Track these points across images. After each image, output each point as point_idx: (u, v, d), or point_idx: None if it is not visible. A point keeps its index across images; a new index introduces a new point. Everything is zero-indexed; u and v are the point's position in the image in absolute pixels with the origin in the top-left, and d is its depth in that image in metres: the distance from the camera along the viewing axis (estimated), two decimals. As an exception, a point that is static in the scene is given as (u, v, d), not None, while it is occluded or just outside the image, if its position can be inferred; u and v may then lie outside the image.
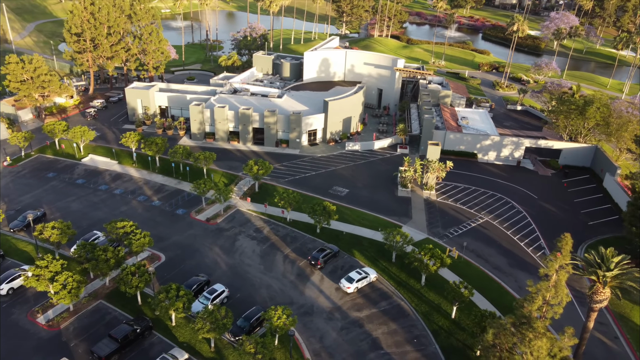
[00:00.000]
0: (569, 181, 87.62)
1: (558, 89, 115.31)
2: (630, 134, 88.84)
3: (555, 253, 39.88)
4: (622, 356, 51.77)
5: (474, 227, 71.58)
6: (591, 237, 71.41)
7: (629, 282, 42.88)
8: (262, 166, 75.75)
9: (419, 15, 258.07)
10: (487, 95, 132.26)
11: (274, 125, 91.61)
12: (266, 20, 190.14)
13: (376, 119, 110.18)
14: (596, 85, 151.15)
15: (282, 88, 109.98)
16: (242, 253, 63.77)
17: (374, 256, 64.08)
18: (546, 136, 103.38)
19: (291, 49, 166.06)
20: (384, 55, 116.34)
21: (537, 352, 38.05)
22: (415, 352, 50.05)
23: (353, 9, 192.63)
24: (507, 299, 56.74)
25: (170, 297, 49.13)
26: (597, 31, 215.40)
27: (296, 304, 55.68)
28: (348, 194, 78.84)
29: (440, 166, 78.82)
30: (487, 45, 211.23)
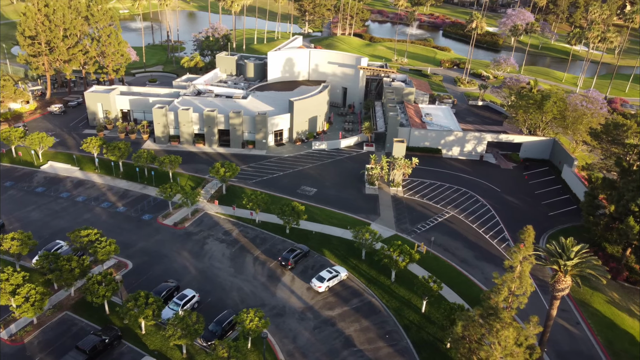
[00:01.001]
0: (530, 173, 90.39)
1: (516, 84, 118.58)
2: (585, 126, 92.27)
3: (518, 245, 41.17)
4: (584, 341, 53.89)
5: (441, 222, 73.00)
6: (552, 227, 73.93)
7: (588, 270, 44.64)
8: (229, 168, 75.17)
9: (381, 13, 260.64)
10: (449, 92, 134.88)
11: (239, 127, 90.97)
12: (228, 20, 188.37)
13: (342, 117, 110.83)
14: (552, 80, 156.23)
15: (246, 89, 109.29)
16: (212, 257, 63.17)
17: (344, 254, 64.56)
18: (507, 130, 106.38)
19: (254, 49, 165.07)
20: (347, 54, 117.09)
21: (505, 341, 39.18)
22: (387, 348, 50.75)
23: (315, 7, 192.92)
24: (475, 291, 58.18)
25: (139, 305, 48.27)
26: (551, 27, 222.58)
27: (268, 305, 55.58)
28: (316, 193, 79.10)
29: (406, 163, 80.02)
30: (448, 42, 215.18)
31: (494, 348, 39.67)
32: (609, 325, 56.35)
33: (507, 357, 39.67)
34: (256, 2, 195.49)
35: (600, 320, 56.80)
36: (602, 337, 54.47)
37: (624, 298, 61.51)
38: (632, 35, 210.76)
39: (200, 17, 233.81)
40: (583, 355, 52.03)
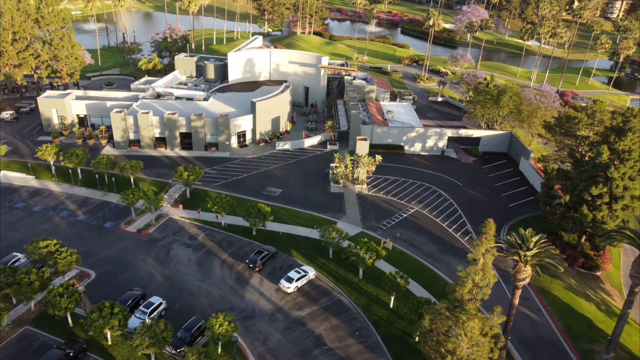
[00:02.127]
0: (489, 167, 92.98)
1: (474, 79, 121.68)
2: (539, 119, 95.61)
3: (480, 238, 42.40)
4: (545, 326, 55.98)
5: (406, 218, 74.24)
6: (512, 218, 76.33)
7: (547, 259, 46.34)
8: (193, 171, 74.19)
9: (340, 12, 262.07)
10: (409, 88, 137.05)
11: (201, 129, 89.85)
12: (186, 20, 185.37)
13: (304, 117, 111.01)
14: (507, 75, 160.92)
15: (207, 90, 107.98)
16: (178, 262, 62.26)
17: (312, 254, 64.82)
18: (466, 125, 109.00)
19: (214, 50, 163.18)
20: (308, 53, 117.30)
21: (471, 332, 40.31)
22: (357, 345, 51.33)
23: (274, 7, 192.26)
24: (441, 285, 59.50)
25: (104, 316, 47.16)
26: (505, 23, 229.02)
27: (237, 308, 55.27)
28: (282, 193, 79.05)
29: (370, 160, 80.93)
30: (407, 39, 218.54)
31: (460, 339, 40.73)
32: (568, 311, 58.72)
33: (474, 347, 40.82)
34: (214, 1, 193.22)
35: (559, 306, 59.10)
36: (561, 322, 56.71)
37: (580, 284, 64.18)
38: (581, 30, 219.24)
39: (157, 18, 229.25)
40: (545, 341, 54.04)
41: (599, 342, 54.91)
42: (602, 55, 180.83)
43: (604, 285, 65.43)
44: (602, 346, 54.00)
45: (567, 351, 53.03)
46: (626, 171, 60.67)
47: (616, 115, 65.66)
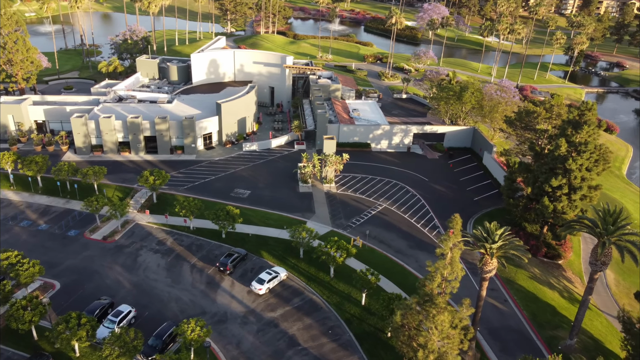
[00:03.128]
0: (454, 162, 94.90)
1: (437, 76, 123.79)
2: (500, 114, 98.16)
3: (448, 232, 43.27)
4: (512, 316, 57.66)
5: (375, 215, 75.04)
6: (477, 211, 78.17)
7: (512, 250, 47.73)
8: (158, 175, 72.96)
9: (303, 10, 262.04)
10: (374, 86, 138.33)
11: (166, 132, 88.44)
12: (146, 21, 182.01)
13: (271, 117, 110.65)
14: (469, 71, 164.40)
15: (171, 92, 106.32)
16: (147, 268, 61.21)
17: (282, 254, 64.80)
18: (431, 121, 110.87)
19: (176, 51, 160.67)
20: (272, 53, 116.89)
21: (441, 325, 41.11)
22: (331, 343, 51.68)
23: (236, 6, 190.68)
24: (411, 280, 60.44)
25: (71, 327, 45.95)
26: (465, 20, 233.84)
27: (209, 313, 54.79)
28: (250, 195, 78.66)
29: (337, 159, 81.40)
30: (370, 37, 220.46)
31: (431, 333, 41.51)
32: (533, 299, 60.63)
33: (444, 339, 41.68)
34: (175, 1, 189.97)
35: (524, 296, 60.96)
36: (527, 311, 58.52)
37: (544, 272, 66.35)
38: (537, 26, 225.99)
39: (116, 19, 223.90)
40: (512, 330, 55.66)
41: (562, 328, 56.93)
42: (557, 50, 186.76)
43: (565, 273, 67.83)
44: (565, 332, 56.01)
45: (533, 339, 54.77)
46: (583, 162, 63.00)
47: (572, 109, 68.10)
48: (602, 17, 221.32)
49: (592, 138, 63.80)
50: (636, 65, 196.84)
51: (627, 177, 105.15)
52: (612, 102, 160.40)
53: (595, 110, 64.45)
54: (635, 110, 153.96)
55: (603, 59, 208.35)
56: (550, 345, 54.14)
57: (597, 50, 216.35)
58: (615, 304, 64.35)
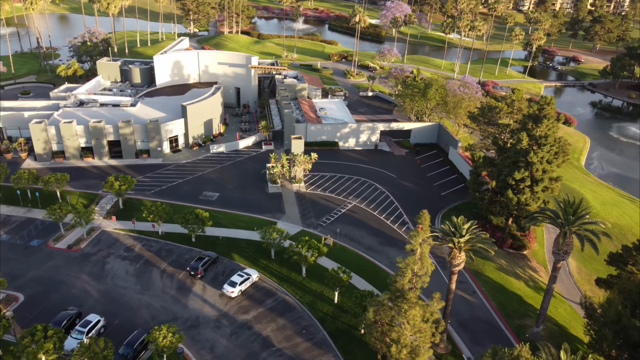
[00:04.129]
0: (421, 158, 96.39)
1: (401, 73, 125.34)
2: (464, 110, 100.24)
3: (417, 228, 44.05)
4: (481, 307, 59.10)
5: (344, 213, 75.54)
6: (445, 206, 79.66)
7: (479, 244, 48.93)
8: (124, 181, 71.50)
9: (267, 10, 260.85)
10: (340, 85, 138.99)
11: (130, 136, 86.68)
12: (106, 22, 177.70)
13: (237, 118, 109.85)
14: (432, 67, 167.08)
15: (134, 95, 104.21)
16: (115, 276, 59.95)
17: (254, 256, 64.55)
18: (397, 118, 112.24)
19: (139, 53, 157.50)
20: (237, 54, 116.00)
21: (413, 320, 41.87)
22: (305, 343, 51.83)
23: (199, 6, 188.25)
24: (382, 276, 61.17)
25: (37, 340, 44.64)
26: (427, 17, 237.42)
27: (181, 318, 54.12)
28: (219, 197, 77.98)
29: (306, 158, 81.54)
30: (334, 35, 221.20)
31: (404, 328, 42.21)
32: (500, 290, 62.29)
33: (417, 334, 42.45)
34: (135, 2, 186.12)
35: (492, 287, 62.56)
36: (495, 301, 60.08)
37: (510, 263, 68.23)
38: (496, 22, 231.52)
39: (73, 21, 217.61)
40: (481, 320, 57.06)
41: (529, 316, 58.71)
42: (517, 45, 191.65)
43: (530, 263, 69.93)
44: (532, 320, 57.78)
45: (502, 328, 56.30)
46: (544, 155, 65.04)
47: (532, 104, 70.17)
48: (558, 13, 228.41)
49: (552, 131, 65.91)
50: (591, 59, 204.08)
51: (586, 168, 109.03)
52: (569, 96, 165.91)
53: (553, 104, 66.58)
54: (591, 102, 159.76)
55: (560, 53, 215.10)
56: (518, 333, 55.77)
57: (553, 46, 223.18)
58: (578, 291, 66.76)
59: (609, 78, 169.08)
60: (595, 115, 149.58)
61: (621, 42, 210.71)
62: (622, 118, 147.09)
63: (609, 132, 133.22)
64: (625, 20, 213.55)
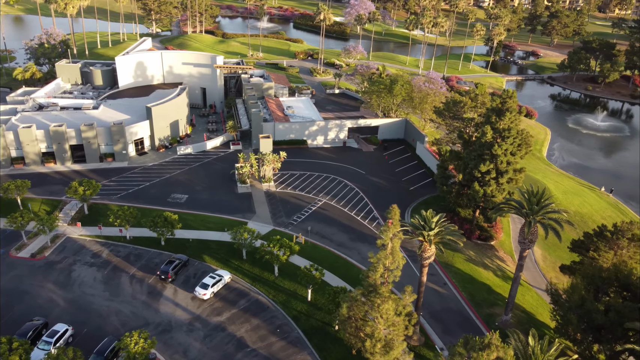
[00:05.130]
0: (389, 153, 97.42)
1: (367, 70, 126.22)
2: (430, 105, 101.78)
3: (387, 223, 44.52)
4: (452, 298, 60.24)
5: (315, 211, 75.67)
6: (414, 200, 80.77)
7: (448, 236, 49.88)
8: (89, 185, 69.72)
9: (230, 9, 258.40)
10: (306, 83, 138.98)
11: (94, 140, 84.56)
12: (64, 23, 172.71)
13: (204, 118, 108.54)
14: (398, 64, 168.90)
15: (96, 98, 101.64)
16: (82, 283, 58.45)
17: (225, 257, 64.01)
18: (364, 115, 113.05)
19: (99, 54, 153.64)
20: (202, 54, 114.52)
21: (386, 314, 42.34)
22: (280, 342, 51.76)
23: (161, 6, 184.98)
24: (354, 272, 61.58)
25: (2, 353, 43.12)
26: (391, 14, 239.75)
27: (152, 323, 53.23)
28: (188, 199, 76.96)
29: (275, 157, 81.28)
30: (299, 33, 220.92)
31: (377, 322, 42.64)
32: (470, 280, 63.64)
33: (390, 327, 42.94)
34: (94, 2, 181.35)
35: (462, 278, 63.84)
36: (465, 292, 61.34)
37: (478, 254, 69.76)
38: (458, 19, 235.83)
39: (29, 22, 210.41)
40: (452, 311, 58.18)
41: (498, 305, 60.19)
42: (478, 41, 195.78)
43: (498, 253, 71.68)
44: (501, 309, 59.27)
45: (472, 318, 57.54)
46: (508, 147, 66.70)
47: (495, 97, 71.80)
48: (517, 9, 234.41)
49: (514, 124, 67.63)
50: (549, 53, 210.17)
51: (547, 159, 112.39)
52: (530, 89, 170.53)
53: (515, 97, 68.34)
54: (550, 95, 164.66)
55: (519, 48, 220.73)
56: (488, 322, 57.10)
57: (514, 41, 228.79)
58: (543, 278, 68.84)
59: (567, 71, 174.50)
60: (555, 107, 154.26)
61: (577, 36, 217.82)
62: (580, 110, 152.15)
63: (568, 123, 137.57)
64: (580, 15, 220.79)
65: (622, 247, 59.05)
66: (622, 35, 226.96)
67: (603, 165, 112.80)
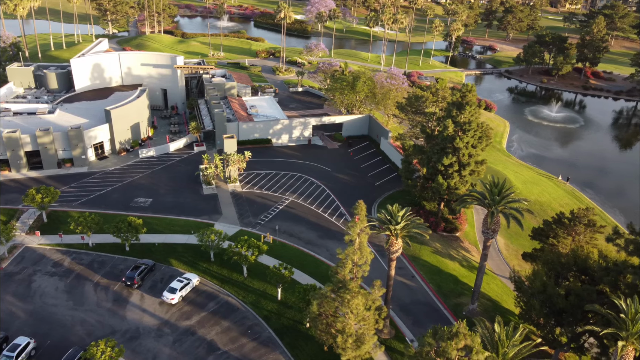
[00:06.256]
0: (354, 150, 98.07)
1: (329, 67, 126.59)
2: (392, 101, 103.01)
3: (354, 219, 44.87)
4: (420, 290, 61.27)
5: (282, 209, 75.51)
6: (380, 195, 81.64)
7: (414, 229, 50.67)
8: (47, 193, 67.43)
9: (189, 8, 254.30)
10: (269, 81, 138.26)
11: (51, 145, 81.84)
12: (14, 25, 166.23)
13: (166, 120, 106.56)
14: (359, 60, 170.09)
15: (52, 102, 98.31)
16: (43, 294, 56.58)
17: (192, 260, 63.16)
18: (328, 112, 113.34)
19: (53, 56, 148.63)
20: (161, 54, 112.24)
21: (356, 309, 42.70)
22: (251, 342, 51.51)
23: (116, 6, 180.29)
24: (324, 269, 61.84)
25: (-40, 370, 41.42)
26: (351, 12, 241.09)
27: (119, 331, 52.07)
28: (152, 203, 75.49)
29: (240, 157, 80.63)
30: (260, 32, 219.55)
31: (348, 317, 42.96)
32: (437, 272, 64.86)
33: (361, 322, 43.35)
34: (46, 2, 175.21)
35: (429, 270, 65.00)
36: (433, 283, 62.50)
37: (444, 246, 71.15)
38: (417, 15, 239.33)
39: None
40: (421, 303, 59.18)
41: (465, 295, 61.58)
42: (437, 37, 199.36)
43: (463, 244, 73.29)
44: (467, 298, 60.67)
45: (440, 308, 58.70)
46: (469, 140, 68.21)
47: (455, 92, 73.28)
48: (473, 5, 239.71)
49: (475, 117, 69.22)
50: (505, 47, 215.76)
51: (507, 150, 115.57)
52: (488, 83, 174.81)
53: (474, 91, 69.96)
54: (508, 88, 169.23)
55: (477, 43, 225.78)
56: (456, 312, 58.37)
57: (471, 36, 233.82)
58: (507, 266, 70.85)
59: (523, 65, 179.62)
60: (513, 100, 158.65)
61: (531, 30, 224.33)
62: (536, 102, 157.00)
63: (525, 115, 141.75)
64: (533, 10, 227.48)
65: (579, 232, 61.40)
66: (573, 29, 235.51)
67: (559, 154, 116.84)
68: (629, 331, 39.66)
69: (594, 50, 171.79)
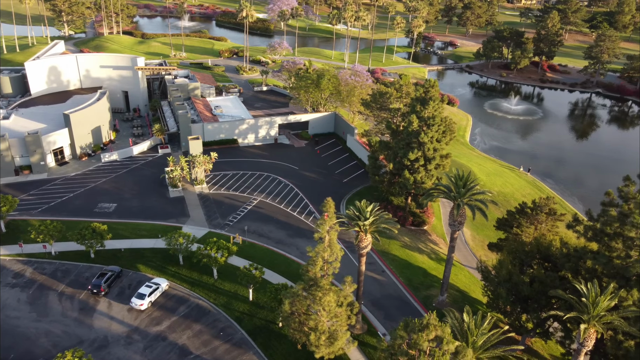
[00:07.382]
0: (320, 148, 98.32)
1: (294, 66, 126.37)
2: (357, 98, 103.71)
3: (323, 217, 45.02)
4: (390, 284, 62.03)
5: (251, 210, 75.07)
6: (348, 192, 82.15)
7: (383, 224, 51.20)
8: (4, 201, 65.02)
9: (148, 8, 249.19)
10: (233, 81, 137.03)
11: (6, 152, 78.90)
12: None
13: (128, 123, 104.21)
14: (323, 58, 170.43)
15: (6, 107, 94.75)
16: (5, 306, 54.59)
17: (161, 264, 62.11)
18: (293, 111, 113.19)
19: (6, 60, 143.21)
20: (121, 55, 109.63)
21: (328, 306, 42.90)
22: (224, 345, 51.08)
23: (72, 6, 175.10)
24: (295, 268, 61.81)
25: None
26: (313, 9, 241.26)
27: (87, 340, 50.75)
28: (117, 208, 73.79)
29: (206, 159, 79.70)
30: (223, 31, 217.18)
31: (320, 315, 43.13)
32: (406, 266, 65.80)
33: (333, 319, 43.59)
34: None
35: (399, 264, 65.87)
36: (403, 277, 63.37)
37: (412, 240, 72.22)
38: (379, 12, 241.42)
39: None
40: (392, 297, 59.92)
41: (434, 287, 62.69)
42: (400, 33, 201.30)
43: (431, 237, 74.56)
44: (437, 290, 61.78)
45: (411, 302, 59.59)
46: (433, 135, 69.38)
47: (419, 87, 74.34)
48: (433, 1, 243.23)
49: (438, 112, 70.41)
50: (465, 43, 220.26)
51: (470, 143, 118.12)
52: (450, 78, 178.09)
53: (437, 86, 71.09)
54: (469, 83, 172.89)
55: (438, 39, 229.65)
56: (426, 304, 59.37)
57: (432, 32, 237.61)
58: (474, 257, 72.49)
59: (483, 59, 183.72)
60: (474, 94, 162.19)
61: (489, 26, 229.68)
62: (496, 95, 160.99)
63: (486, 109, 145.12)
64: (491, 6, 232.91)
65: (541, 221, 63.34)
66: (529, 24, 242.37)
67: (520, 146, 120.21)
68: (590, 314, 41.22)
69: (550, 44, 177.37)
